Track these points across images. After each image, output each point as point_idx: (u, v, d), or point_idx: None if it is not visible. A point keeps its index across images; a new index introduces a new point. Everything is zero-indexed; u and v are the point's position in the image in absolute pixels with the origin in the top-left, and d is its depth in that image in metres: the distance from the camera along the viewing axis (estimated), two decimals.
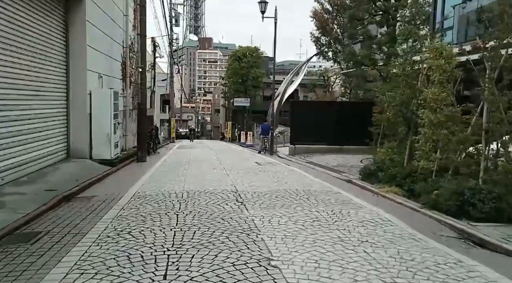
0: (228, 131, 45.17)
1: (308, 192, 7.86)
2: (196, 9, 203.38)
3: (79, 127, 11.28)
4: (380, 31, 21.16)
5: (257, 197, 7.27)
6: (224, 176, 9.97)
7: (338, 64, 45.97)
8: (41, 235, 4.97)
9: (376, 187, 8.40)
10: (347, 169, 11.88)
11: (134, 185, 8.69)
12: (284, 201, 6.93)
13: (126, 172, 11.38)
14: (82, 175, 9.41)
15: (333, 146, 17.83)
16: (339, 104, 19.90)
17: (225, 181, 9.10)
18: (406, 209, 6.76)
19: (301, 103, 20.39)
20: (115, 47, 15.03)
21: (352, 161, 13.96)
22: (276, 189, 8.11)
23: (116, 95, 12.56)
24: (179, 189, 8.12)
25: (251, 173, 10.71)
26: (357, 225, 5.49)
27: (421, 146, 7.75)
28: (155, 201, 6.91)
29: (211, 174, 10.32)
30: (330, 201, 7.01)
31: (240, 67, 43.09)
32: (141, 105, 14.30)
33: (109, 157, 11.79)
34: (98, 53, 12.38)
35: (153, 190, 8.02)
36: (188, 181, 9.20)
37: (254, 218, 5.75)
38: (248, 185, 8.61)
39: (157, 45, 25.60)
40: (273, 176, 10.08)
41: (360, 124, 17.93)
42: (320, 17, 44.17)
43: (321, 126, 17.61)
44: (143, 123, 14.42)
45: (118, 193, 7.68)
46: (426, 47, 7.62)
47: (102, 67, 12.86)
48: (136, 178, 9.76)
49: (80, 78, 11.12)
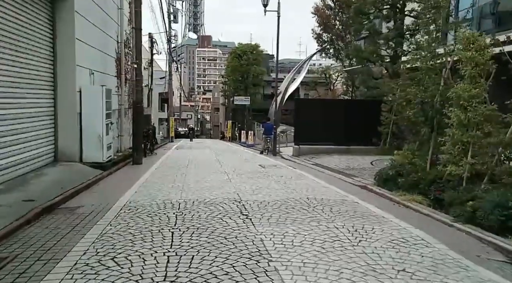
0: (228, 131, 44.24)
1: (321, 201, 6.97)
2: (195, 7, 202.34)
3: (68, 128, 10.37)
4: (387, 25, 20.23)
5: (264, 208, 6.38)
6: (226, 182, 9.08)
7: (341, 61, 45.20)
8: (5, 261, 4.08)
9: (396, 194, 7.51)
10: (358, 172, 10.99)
11: (126, 192, 7.81)
12: (296, 213, 6.05)
13: (119, 176, 10.48)
14: (69, 181, 8.52)
15: (339, 146, 16.95)
16: (345, 102, 19.02)
17: (227, 188, 8.21)
18: (436, 223, 5.87)
19: (306, 102, 19.51)
20: (109, 42, 14.13)
21: (362, 163, 13.07)
22: (285, 197, 7.22)
23: (109, 93, 11.65)
24: (176, 197, 7.24)
25: (255, 177, 9.82)
26: (387, 246, 4.60)
27: (449, 149, 6.86)
28: (148, 213, 6.02)
29: (212, 179, 9.43)
30: (348, 213, 6.12)
31: (240, 65, 42.17)
32: (137, 104, 13.40)
33: (101, 159, 10.89)
34: (89, 48, 11.47)
35: (147, 198, 7.14)
36: (186, 187, 8.31)
37: (263, 237, 4.85)
38: (253, 192, 7.72)
39: (155, 41, 24.67)
40: (279, 181, 9.19)
41: (368, 124, 17.08)
42: (322, 13, 43.29)
43: (327, 126, 16.73)
44: (139, 123, 13.53)
45: (107, 203, 6.79)
46: (455, 37, 6.70)
47: (94, 63, 11.96)
48: (129, 183, 8.87)
49: (68, 75, 10.21)
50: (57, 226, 5.38)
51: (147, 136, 16.90)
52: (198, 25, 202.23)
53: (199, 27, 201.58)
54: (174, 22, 36.67)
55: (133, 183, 9.00)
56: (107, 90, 11.27)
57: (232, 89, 45.46)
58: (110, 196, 7.57)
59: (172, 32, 36.42)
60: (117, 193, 7.71)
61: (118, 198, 7.21)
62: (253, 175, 10.21)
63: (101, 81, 12.51)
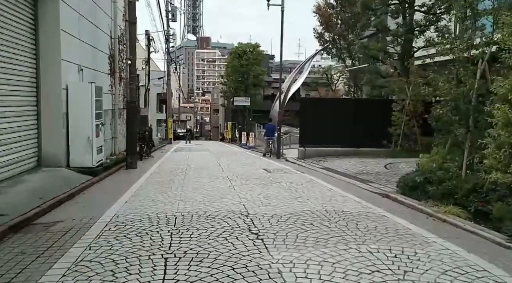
0: (228, 132, 43.23)
1: (342, 214, 5.94)
2: (194, 9, 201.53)
3: (53, 129, 9.33)
4: (396, 21, 19.22)
5: (277, 224, 5.34)
6: (229, 189, 8.04)
7: (343, 61, 44.23)
8: None
9: (427, 205, 6.48)
10: (374, 178, 9.96)
11: (115, 202, 6.77)
12: (316, 231, 5.01)
13: (110, 183, 9.44)
14: (52, 189, 7.48)
15: (347, 148, 15.93)
16: (353, 102, 17.96)
17: (231, 197, 7.17)
18: (488, 244, 4.82)
19: (312, 101, 18.49)
20: (101, 37, 13.11)
21: (375, 167, 12.05)
22: (299, 209, 6.19)
23: (100, 91, 10.62)
24: (172, 209, 6.20)
25: (261, 184, 8.78)
26: (442, 281, 3.57)
27: (492, 153, 5.83)
28: (137, 232, 4.99)
29: (213, 186, 8.39)
30: (379, 231, 5.09)
31: (240, 65, 41.16)
32: (131, 103, 12.36)
33: (90, 164, 9.85)
34: (77, 41, 10.45)
35: (138, 211, 6.10)
36: (184, 196, 7.27)
37: (281, 266, 3.81)
38: (261, 203, 6.68)
39: (152, 39, 23.65)
40: (289, 189, 8.15)
41: (377, 124, 16.06)
42: (324, 12, 42.32)
43: (334, 127, 15.71)
44: (133, 124, 12.49)
45: (90, 217, 5.76)
46: (502, 21, 5.67)
47: (83, 59, 10.93)
48: (120, 191, 7.83)
49: (53, 70, 9.18)
50: (23, 251, 4.34)
51: (143, 138, 15.87)
52: (197, 27, 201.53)
53: (198, 29, 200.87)
54: (173, 20, 35.69)
55: (125, 191, 7.97)
56: (97, 88, 10.23)
57: (232, 90, 44.45)
58: (96, 207, 6.55)
59: (170, 31, 35.40)
60: (105, 204, 6.68)
61: (105, 211, 6.18)
62: (259, 181, 9.17)
63: (91, 78, 11.47)
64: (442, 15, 18.60)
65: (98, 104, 10.43)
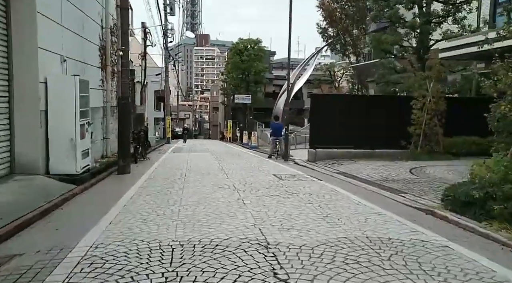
0: (228, 131, 41.81)
1: (391, 245, 4.53)
2: (193, 6, 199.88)
3: (29, 130, 7.92)
4: (413, 12, 17.82)
5: (309, 261, 3.94)
6: (238, 204, 6.64)
7: (347, 57, 42.77)
8: None
9: (492, 229, 5.08)
10: (404, 186, 8.57)
11: (97, 224, 5.38)
12: (369, 276, 3.59)
13: (96, 193, 8.01)
14: (21, 204, 6.09)
15: (362, 150, 14.54)
16: (369, 99, 16.51)
17: (242, 216, 5.77)
18: None
19: (324, 98, 17.00)
20: (90, 25, 11.69)
21: (399, 172, 10.65)
22: (334, 237, 4.77)
23: (86, 85, 9.19)
24: (167, 236, 4.80)
25: (274, 196, 7.38)
26: None
27: None
28: (119, 276, 3.59)
29: (218, 199, 6.99)
30: (456, 275, 3.67)
31: (241, 61, 39.71)
32: (123, 99, 10.92)
33: (73, 170, 8.44)
34: (60, 28, 9.02)
35: (124, 239, 4.69)
36: (184, 214, 5.87)
37: None
38: (281, 226, 5.27)
39: (149, 31, 22.20)
40: (311, 203, 6.74)
41: (394, 123, 14.67)
42: (327, 6, 40.85)
43: (348, 126, 14.32)
44: (126, 123, 11.06)
45: (60, 248, 4.37)
46: None
47: (68, 48, 9.52)
48: (106, 206, 6.44)
49: (28, 60, 7.76)
50: None
51: (138, 138, 14.47)
52: (195, 24, 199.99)
53: (196, 26, 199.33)
54: (171, 14, 34.20)
55: (112, 204, 6.57)
56: (82, 82, 8.81)
57: (232, 87, 43.01)
58: (71, 230, 5.16)
59: (168, 25, 33.88)
60: (84, 225, 5.29)
61: (83, 235, 4.79)
62: (272, 192, 7.76)
63: (79, 72, 10.09)
64: (463, 5, 17.25)
65: (84, 101, 9.01)
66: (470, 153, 13.88)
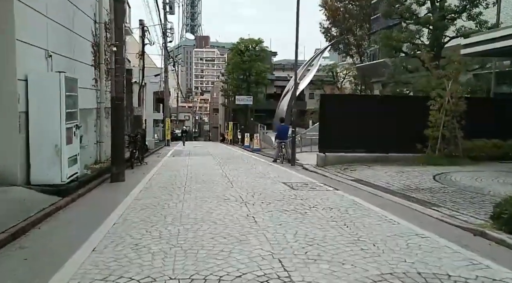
0: (229, 133, 40.79)
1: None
2: (193, 8, 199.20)
3: (5, 135, 6.91)
4: (427, 7, 16.87)
5: None
6: (248, 222, 5.61)
7: (351, 57, 41.80)
8: None
9: None
10: (432, 197, 7.55)
11: (77, 251, 4.36)
12: None
13: (82, 207, 6.97)
14: None
15: (375, 154, 13.53)
16: (382, 99, 15.46)
17: (256, 241, 4.72)
18: None
19: (334, 98, 15.92)
20: (81, 19, 10.70)
21: (421, 179, 9.64)
22: (376, 273, 3.72)
23: (73, 84, 8.17)
24: (163, 270, 3.77)
25: (290, 211, 6.34)
26: None
27: None
28: None
29: (224, 217, 5.96)
30: None
31: (242, 61, 38.69)
32: (116, 100, 9.90)
33: (58, 180, 7.42)
34: (44, 19, 8.02)
35: (109, 275, 3.67)
36: (183, 238, 4.84)
37: None
38: (306, 254, 4.24)
39: (147, 29, 21.19)
40: (334, 221, 5.71)
41: (410, 125, 13.64)
42: (330, 5, 39.93)
43: (359, 128, 13.31)
44: (120, 126, 10.04)
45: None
46: None
47: (54, 43, 8.52)
48: (92, 225, 5.42)
49: (3, 53, 6.75)
50: None
51: (135, 142, 13.45)
52: (195, 26, 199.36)
53: (196, 28, 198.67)
54: (170, 13, 33.20)
55: (99, 223, 5.55)
56: (69, 80, 7.79)
57: (233, 88, 42.00)
58: (43, 262, 4.14)
59: (168, 25, 32.87)
60: (60, 254, 4.27)
61: (53, 272, 3.77)
62: (286, 206, 6.73)
63: (67, 69, 9.09)
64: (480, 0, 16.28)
65: (72, 101, 8.00)
66: (491, 157, 12.94)
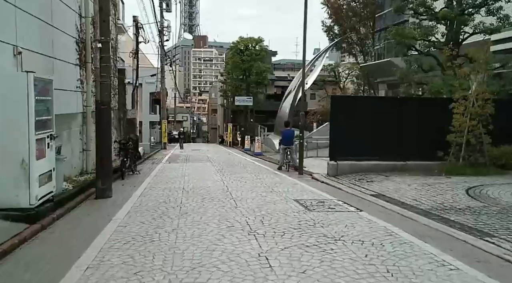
0: (228, 135, 39.47)
1: None
2: (191, 8, 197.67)
3: None
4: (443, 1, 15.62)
5: None
6: (261, 267, 4.29)
7: (354, 57, 40.56)
8: None
9: None
10: (477, 220, 6.29)
11: None
12: None
13: (54, 240, 5.65)
14: None
15: (391, 162, 12.27)
16: (399, 102, 14.18)
17: None
18: None
19: (346, 100, 14.52)
20: (63, 12, 9.45)
21: (451, 193, 8.42)
22: None
23: (46, 86, 6.83)
24: None
25: (312, 245, 5.04)
26: None
27: None
28: None
29: (228, 257, 4.65)
30: None
31: (242, 61, 37.35)
32: (102, 104, 8.57)
33: (26, 203, 6.10)
34: (11, 9, 6.73)
35: None
36: None
37: None
38: None
39: (141, 26, 19.85)
40: (371, 264, 4.41)
41: (429, 130, 12.39)
42: (333, 3, 38.70)
43: (374, 133, 12.09)
44: (106, 133, 8.73)
45: None
46: None
47: (26, 37, 7.22)
48: (58, 271, 4.12)
49: None
50: None
51: (126, 149, 12.16)
52: (193, 26, 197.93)
53: (194, 28, 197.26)
54: (167, 11, 31.91)
55: (70, 264, 4.25)
56: (40, 81, 6.46)
57: (232, 88, 40.68)
58: None
59: (164, 22, 31.56)
60: None
61: None
62: (305, 237, 5.41)
63: (45, 69, 7.82)
64: None
65: (45, 107, 6.68)
66: None
